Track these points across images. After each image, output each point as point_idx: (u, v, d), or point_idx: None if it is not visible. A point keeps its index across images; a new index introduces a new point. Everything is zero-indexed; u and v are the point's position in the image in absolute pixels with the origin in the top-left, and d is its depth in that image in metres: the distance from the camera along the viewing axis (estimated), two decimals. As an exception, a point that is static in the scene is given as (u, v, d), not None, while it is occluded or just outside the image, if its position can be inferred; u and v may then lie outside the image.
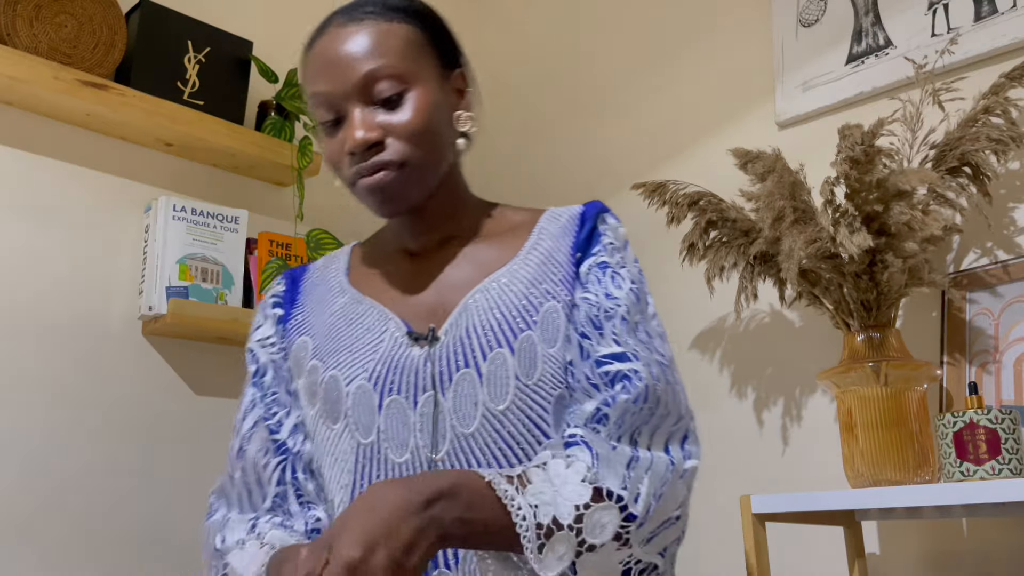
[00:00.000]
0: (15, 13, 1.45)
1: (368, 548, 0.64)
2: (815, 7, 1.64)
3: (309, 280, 1.01)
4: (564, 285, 0.89)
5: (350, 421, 0.87)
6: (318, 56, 0.91)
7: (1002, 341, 1.28)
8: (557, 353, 0.86)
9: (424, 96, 0.89)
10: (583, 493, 0.74)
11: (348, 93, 0.88)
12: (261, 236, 1.71)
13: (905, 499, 1.09)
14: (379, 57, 0.87)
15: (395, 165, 0.87)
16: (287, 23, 1.95)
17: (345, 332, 0.92)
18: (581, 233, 0.93)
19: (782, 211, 1.30)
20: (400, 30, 0.90)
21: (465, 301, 0.89)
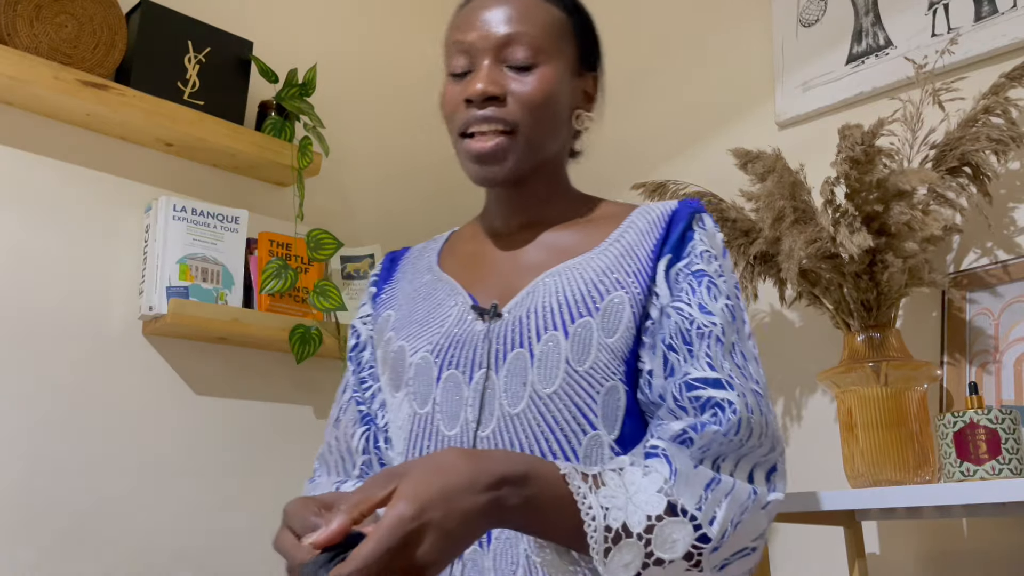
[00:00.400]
0: (15, 13, 1.45)
1: (422, 509, 0.62)
2: (815, 7, 1.64)
3: (407, 259, 1.06)
4: (637, 279, 0.87)
5: (410, 391, 0.90)
6: (472, 9, 0.94)
7: (1002, 341, 1.28)
8: (616, 344, 0.84)
9: (551, 75, 0.91)
10: (657, 504, 0.72)
11: (485, 47, 0.90)
12: (261, 236, 1.71)
13: (905, 499, 1.09)
14: (523, 24, 0.90)
15: (506, 126, 0.89)
16: (287, 23, 1.95)
17: (421, 306, 0.95)
18: (671, 232, 0.90)
19: (782, 211, 1.30)
20: (551, 11, 0.93)
21: (534, 283, 0.89)
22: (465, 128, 0.90)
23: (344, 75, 2.02)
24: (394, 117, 2.13)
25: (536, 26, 0.91)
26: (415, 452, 0.88)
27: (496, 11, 0.91)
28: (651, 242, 0.90)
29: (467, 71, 0.92)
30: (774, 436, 0.82)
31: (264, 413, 1.72)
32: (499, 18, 0.91)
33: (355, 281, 1.84)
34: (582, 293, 0.87)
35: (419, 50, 2.24)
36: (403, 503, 0.61)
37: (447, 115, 0.94)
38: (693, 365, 0.82)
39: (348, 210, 1.99)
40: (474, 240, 1.01)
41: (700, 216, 0.92)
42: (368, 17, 2.13)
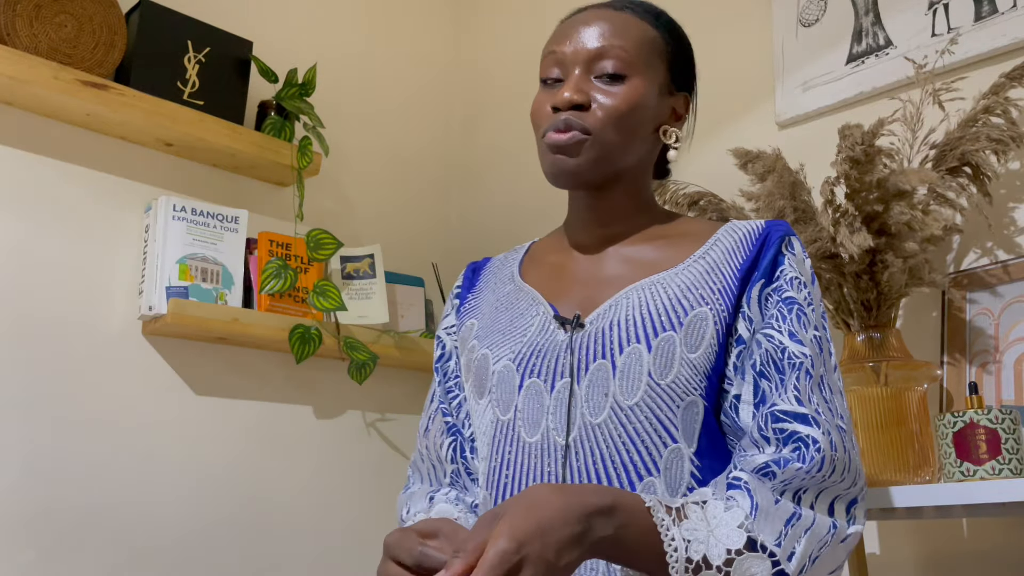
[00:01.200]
0: (15, 13, 1.45)
1: (520, 543, 0.65)
2: (815, 7, 1.64)
3: (489, 270, 1.09)
4: (722, 296, 0.88)
5: (493, 397, 0.93)
6: (570, 23, 0.97)
7: (1002, 341, 1.28)
8: (698, 359, 0.86)
9: (637, 90, 0.93)
10: (737, 539, 0.74)
11: (577, 59, 0.94)
12: (261, 236, 1.71)
13: (905, 499, 1.09)
14: (616, 38, 0.93)
15: (583, 131, 0.91)
16: (287, 23, 1.95)
17: (503, 316, 0.98)
18: (762, 255, 0.91)
19: (782, 211, 1.30)
20: (646, 30, 0.96)
21: (618, 296, 0.91)
22: (547, 129, 0.93)
23: (344, 75, 2.02)
24: (394, 117, 2.13)
25: (628, 40, 0.94)
26: (498, 457, 0.91)
27: (592, 26, 0.95)
28: (738, 260, 0.91)
29: (558, 80, 0.96)
30: (856, 471, 0.83)
31: (264, 413, 1.72)
32: (594, 32, 0.94)
33: (355, 281, 1.84)
34: (666, 308, 0.88)
35: (419, 50, 2.24)
36: (503, 540, 0.65)
37: (535, 120, 0.97)
38: (781, 396, 0.83)
39: (348, 210, 1.99)
40: (556, 252, 1.03)
41: (790, 239, 0.92)
42: (368, 17, 2.13)
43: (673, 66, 0.99)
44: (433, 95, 2.25)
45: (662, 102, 0.97)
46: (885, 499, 1.11)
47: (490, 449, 0.92)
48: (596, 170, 0.93)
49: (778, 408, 0.82)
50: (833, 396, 0.86)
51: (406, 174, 2.12)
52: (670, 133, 0.98)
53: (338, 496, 1.79)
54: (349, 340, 1.74)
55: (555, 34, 0.98)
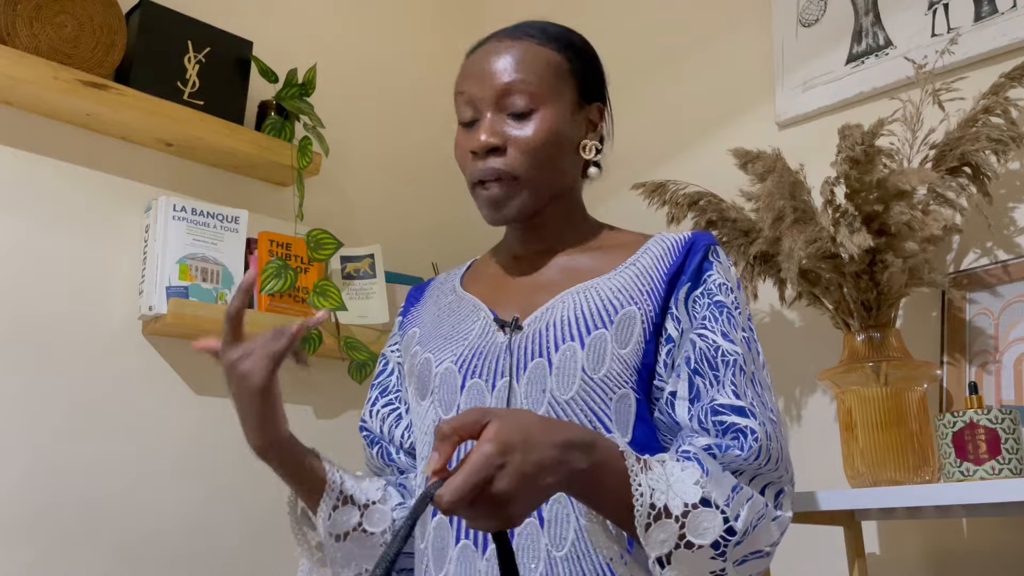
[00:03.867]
0: (15, 13, 1.45)
1: (506, 451, 0.67)
2: (815, 7, 1.64)
3: (432, 287, 1.14)
4: (650, 297, 0.94)
5: (435, 398, 0.96)
6: (473, 61, 1.00)
7: (1002, 341, 1.28)
8: (628, 355, 0.90)
9: (550, 118, 0.96)
10: (693, 494, 0.77)
11: (486, 98, 0.97)
12: (261, 236, 1.71)
13: (905, 499, 1.09)
14: (519, 73, 0.96)
15: (508, 176, 0.95)
16: (287, 23, 1.95)
17: (445, 322, 1.02)
18: (688, 261, 0.96)
19: (782, 211, 1.30)
20: (547, 55, 0.99)
21: (554, 300, 0.96)
22: (474, 179, 0.97)
23: (344, 75, 2.02)
24: (394, 117, 2.13)
25: (532, 73, 0.96)
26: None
27: (495, 62, 0.97)
28: (665, 266, 0.96)
29: (473, 120, 0.98)
30: (787, 461, 0.89)
31: (264, 413, 1.72)
32: (498, 69, 0.97)
33: (355, 281, 1.84)
34: (598, 308, 0.93)
35: (419, 50, 2.24)
36: (489, 444, 0.67)
37: (459, 163, 1.01)
38: (719, 391, 0.87)
39: (348, 210, 1.99)
40: (495, 264, 1.08)
41: (715, 248, 0.98)
42: (368, 17, 2.13)
43: (581, 82, 1.01)
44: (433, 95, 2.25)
45: (576, 120, 1.00)
46: (885, 499, 1.11)
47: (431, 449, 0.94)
48: (531, 207, 0.98)
49: (717, 402, 0.87)
50: (764, 391, 0.90)
51: (406, 174, 2.12)
52: (589, 148, 1.02)
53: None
54: (349, 340, 1.74)
55: (462, 72, 1.01)
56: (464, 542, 0.89)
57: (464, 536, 0.89)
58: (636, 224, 1.46)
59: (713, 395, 0.87)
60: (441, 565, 0.90)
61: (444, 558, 0.90)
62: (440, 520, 0.92)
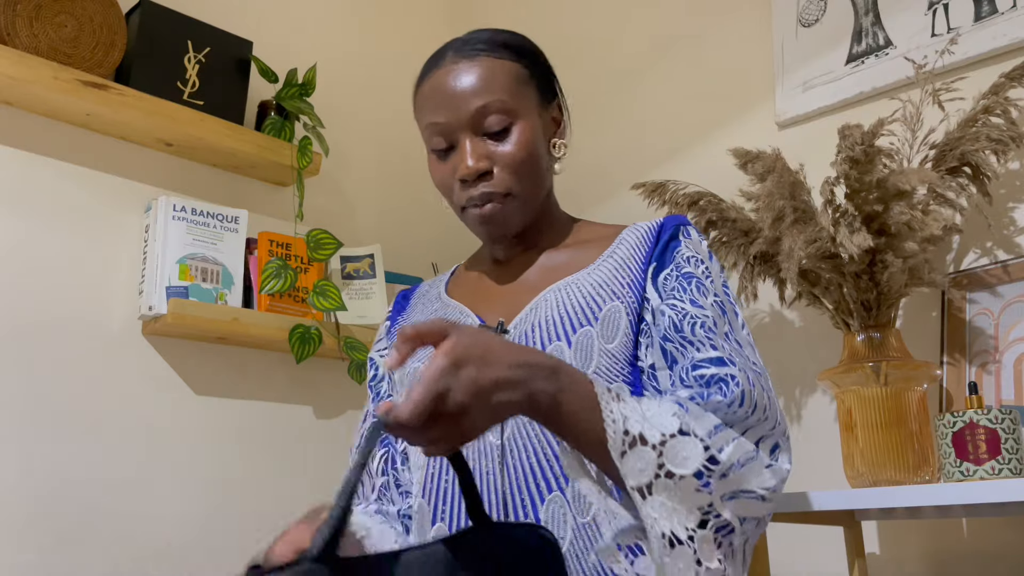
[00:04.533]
0: (15, 13, 1.45)
1: (459, 364, 0.67)
2: (815, 7, 1.64)
3: (417, 294, 1.13)
4: (631, 289, 0.94)
5: None
6: (434, 89, 0.99)
7: (1002, 341, 1.28)
8: (616, 349, 0.90)
9: (527, 128, 0.97)
10: (670, 425, 0.76)
11: (461, 124, 0.96)
12: (261, 236, 1.71)
13: (905, 499, 1.09)
14: (489, 93, 0.95)
15: (500, 196, 0.96)
16: (287, 23, 1.95)
17: None
18: (658, 243, 0.96)
19: (782, 211, 1.30)
20: (508, 67, 0.98)
21: (536, 299, 0.96)
22: (466, 205, 0.97)
23: (344, 75, 2.02)
24: (394, 117, 2.13)
25: (500, 89, 0.96)
26: (435, 463, 0.95)
27: (460, 86, 0.96)
28: (641, 254, 0.96)
29: (449, 147, 0.98)
30: (777, 414, 0.86)
31: (264, 413, 1.72)
32: (465, 92, 0.95)
33: (355, 281, 1.84)
34: (581, 305, 0.93)
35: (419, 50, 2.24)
36: (443, 357, 0.66)
37: (443, 193, 1.01)
38: (696, 349, 0.87)
39: (348, 210, 1.99)
40: (477, 269, 1.09)
41: (684, 227, 0.98)
42: (368, 17, 2.13)
43: (539, 84, 1.02)
44: (433, 95, 2.25)
45: (544, 122, 1.01)
46: (885, 499, 1.11)
47: (426, 457, 0.95)
48: (525, 219, 0.99)
49: (697, 358, 0.86)
50: (743, 347, 0.90)
51: (406, 174, 2.12)
52: (559, 146, 1.03)
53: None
54: (349, 340, 1.74)
55: (424, 102, 1.00)
56: None
57: None
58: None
59: (691, 354, 0.86)
60: None
61: None
62: (439, 528, 0.92)
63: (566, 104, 1.07)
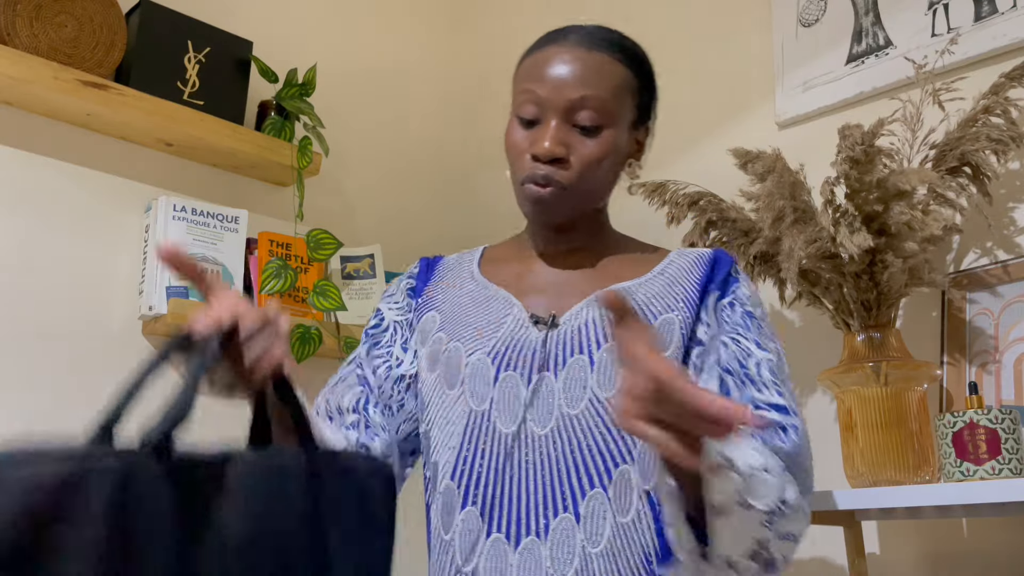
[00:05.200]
0: (15, 13, 1.45)
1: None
2: (815, 7, 1.64)
3: (443, 266, 1.11)
4: (686, 305, 0.95)
5: (466, 389, 0.95)
6: (545, 62, 0.98)
7: (1002, 341, 1.28)
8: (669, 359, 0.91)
9: (613, 138, 0.97)
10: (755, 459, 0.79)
11: (556, 105, 0.95)
12: (261, 236, 1.71)
13: (905, 499, 1.09)
14: (594, 88, 0.95)
15: (560, 186, 0.95)
16: (287, 23, 1.95)
17: (472, 311, 1.00)
18: (714, 273, 0.98)
19: (782, 211, 1.30)
20: (623, 74, 0.99)
21: (589, 299, 0.96)
22: (527, 180, 0.97)
23: (344, 75, 2.02)
24: (394, 117, 2.13)
25: (605, 89, 0.96)
26: (470, 447, 0.94)
27: (569, 70, 0.96)
28: (696, 276, 0.98)
29: (535, 120, 0.97)
30: (811, 472, 0.90)
31: (264, 413, 1.72)
32: (573, 78, 0.95)
33: (355, 281, 1.84)
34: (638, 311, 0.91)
35: (419, 50, 2.24)
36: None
37: (511, 158, 1.00)
38: (759, 390, 0.90)
39: (348, 210, 1.99)
40: (519, 258, 1.07)
41: (737, 267, 1.01)
42: (368, 17, 2.13)
43: (641, 102, 1.02)
44: (433, 95, 2.25)
45: (629, 139, 1.02)
46: (885, 499, 1.11)
47: (461, 439, 0.94)
48: (571, 215, 0.99)
49: (759, 399, 0.89)
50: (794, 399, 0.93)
51: (406, 174, 2.12)
52: (635, 167, 1.04)
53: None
54: (349, 340, 1.74)
55: (530, 69, 0.99)
56: (496, 536, 0.88)
57: (496, 530, 0.89)
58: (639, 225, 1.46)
59: (752, 393, 0.89)
60: (469, 558, 0.89)
61: (473, 551, 0.89)
62: (469, 512, 0.91)
63: (654, 132, 1.08)
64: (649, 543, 0.86)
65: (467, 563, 0.89)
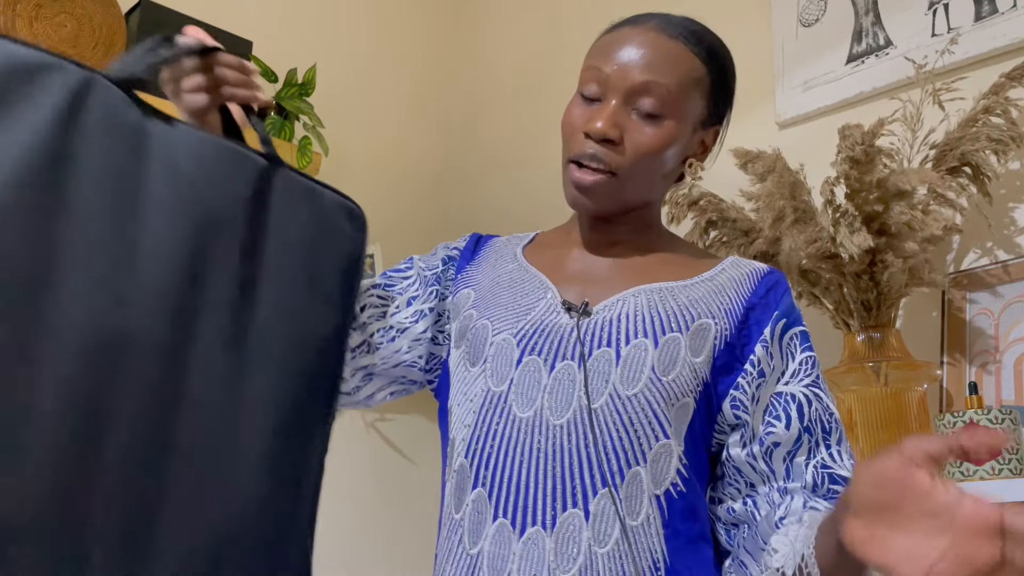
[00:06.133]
0: (15, 13, 1.45)
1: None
2: (815, 7, 1.64)
3: (491, 245, 1.09)
4: (727, 316, 0.91)
5: (488, 367, 0.92)
6: (617, 42, 0.95)
7: (1002, 341, 1.28)
8: (699, 365, 0.89)
9: (673, 131, 0.93)
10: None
11: (619, 86, 0.92)
12: (261, 236, 1.71)
13: (905, 499, 1.09)
14: (662, 75, 0.92)
15: (606, 168, 0.92)
16: (287, 23, 1.95)
17: (506, 291, 0.98)
18: (771, 294, 0.94)
19: (782, 211, 1.30)
20: (695, 66, 0.95)
21: (626, 292, 0.93)
22: (575, 157, 0.93)
23: (344, 75, 2.02)
24: (394, 117, 2.13)
25: (673, 78, 0.92)
26: (484, 427, 0.91)
27: (640, 52, 0.93)
28: (746, 290, 0.93)
29: (597, 98, 0.94)
30: None
31: (264, 413, 1.72)
32: (641, 61, 0.92)
33: (355, 281, 1.84)
34: (674, 312, 0.91)
35: (419, 50, 2.24)
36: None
37: (565, 135, 0.96)
38: (833, 458, 0.87)
39: (348, 210, 1.99)
40: (563, 244, 1.04)
41: (788, 291, 0.96)
42: (367, 17, 2.13)
43: (712, 102, 0.98)
44: (433, 95, 2.25)
45: (693, 138, 0.97)
46: (885, 499, 1.11)
47: (476, 417, 0.92)
48: (615, 207, 0.95)
49: (834, 471, 0.87)
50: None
51: (406, 174, 2.12)
52: (696, 168, 0.99)
53: (337, 496, 1.78)
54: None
55: (601, 46, 0.96)
56: (501, 521, 0.87)
57: (502, 515, 0.87)
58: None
59: (823, 458, 0.88)
60: (476, 541, 0.88)
61: (480, 534, 0.88)
62: (479, 493, 0.89)
63: (724, 137, 1.04)
64: (658, 549, 0.85)
65: (473, 545, 0.88)
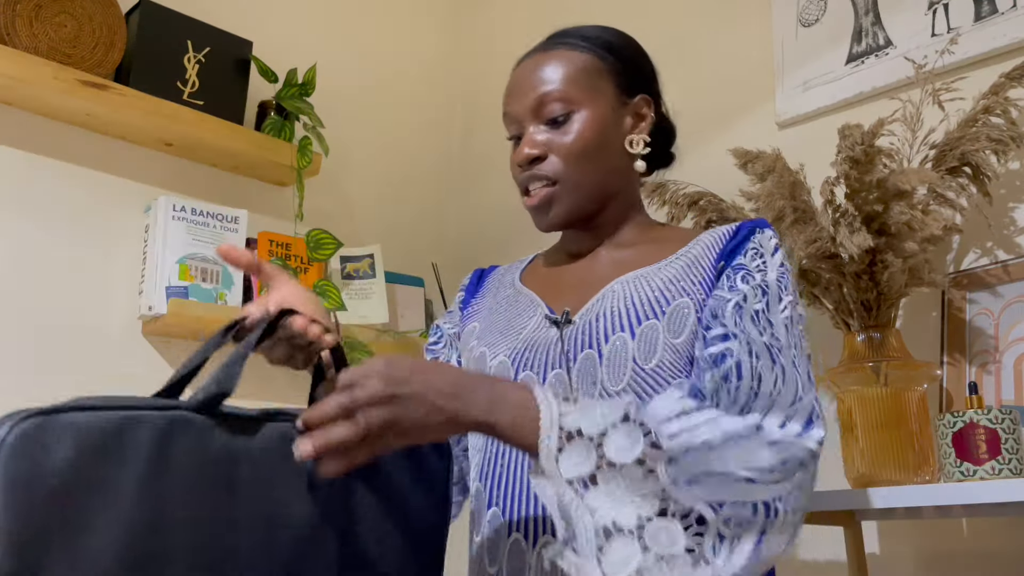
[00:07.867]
0: (15, 13, 1.45)
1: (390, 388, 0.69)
2: (815, 7, 1.64)
3: (493, 276, 1.13)
4: (701, 287, 0.92)
5: None
6: (512, 79, 1.02)
7: (1002, 341, 1.28)
8: (682, 345, 0.88)
9: (588, 119, 0.97)
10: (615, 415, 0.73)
11: (524, 113, 0.98)
12: (261, 236, 1.71)
13: (905, 499, 1.09)
14: (551, 82, 0.97)
15: (548, 181, 0.96)
16: (287, 23, 1.95)
17: (501, 317, 1.02)
18: (730, 243, 0.94)
19: (782, 211, 1.30)
20: (579, 58, 0.99)
21: (604, 290, 0.95)
22: (521, 190, 0.99)
23: (344, 75, 2.02)
24: (394, 117, 2.13)
25: (563, 79, 0.97)
26: (492, 447, 0.94)
27: (529, 76, 0.99)
28: (714, 254, 0.94)
29: (518, 136, 1.00)
30: (798, 385, 0.82)
31: (264, 413, 1.72)
32: (531, 82, 0.98)
33: (355, 281, 1.84)
34: (649, 299, 0.92)
35: (419, 50, 2.24)
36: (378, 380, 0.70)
37: (513, 177, 1.02)
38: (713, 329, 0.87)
39: (348, 210, 1.99)
40: (554, 261, 1.08)
41: (760, 228, 0.95)
42: (367, 17, 2.13)
43: (620, 78, 1.01)
44: (433, 95, 2.25)
45: (620, 116, 1.00)
46: (885, 499, 1.11)
47: (484, 440, 0.96)
48: (577, 210, 0.98)
49: (708, 336, 0.86)
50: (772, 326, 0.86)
51: (406, 174, 2.12)
52: (636, 142, 1.00)
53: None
54: (349, 340, 1.74)
55: (505, 93, 1.03)
56: (516, 535, 0.88)
57: (515, 530, 0.88)
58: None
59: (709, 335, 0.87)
60: (495, 559, 0.89)
61: (497, 551, 0.89)
62: (494, 513, 0.91)
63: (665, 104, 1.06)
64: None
65: (492, 564, 0.89)
